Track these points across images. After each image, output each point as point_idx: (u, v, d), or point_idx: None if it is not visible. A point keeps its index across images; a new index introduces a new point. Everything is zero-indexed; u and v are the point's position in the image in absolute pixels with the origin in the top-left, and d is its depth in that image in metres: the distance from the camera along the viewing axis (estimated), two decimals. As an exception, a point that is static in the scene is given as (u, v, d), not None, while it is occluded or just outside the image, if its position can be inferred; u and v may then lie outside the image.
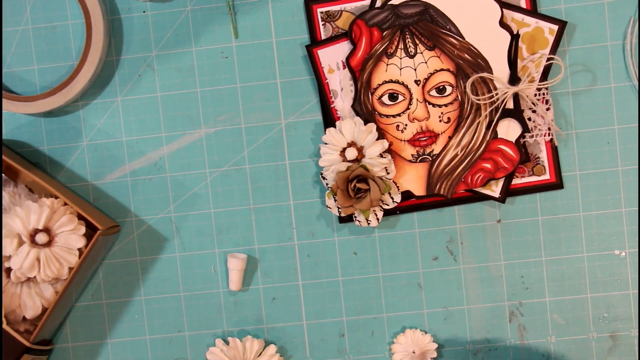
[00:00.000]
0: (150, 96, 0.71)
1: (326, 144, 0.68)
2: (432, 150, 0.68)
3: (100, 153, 0.71)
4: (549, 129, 0.68)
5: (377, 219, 0.68)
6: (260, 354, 0.70)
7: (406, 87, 0.68)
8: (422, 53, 0.68)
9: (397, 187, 0.68)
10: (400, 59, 0.68)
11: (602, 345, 0.70)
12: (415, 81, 0.68)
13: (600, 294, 0.70)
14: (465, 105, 0.68)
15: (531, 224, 0.70)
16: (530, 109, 0.68)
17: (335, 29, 0.69)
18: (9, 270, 0.67)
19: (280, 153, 0.71)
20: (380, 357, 0.71)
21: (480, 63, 0.68)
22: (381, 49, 0.68)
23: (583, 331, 0.70)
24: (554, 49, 0.68)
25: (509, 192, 0.69)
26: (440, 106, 0.68)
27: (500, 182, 0.69)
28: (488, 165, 0.68)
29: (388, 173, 0.67)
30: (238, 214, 0.71)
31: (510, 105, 0.68)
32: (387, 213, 0.69)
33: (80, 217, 0.67)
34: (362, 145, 0.67)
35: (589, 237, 0.70)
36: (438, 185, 0.69)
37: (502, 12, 0.67)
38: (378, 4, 0.68)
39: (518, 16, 0.68)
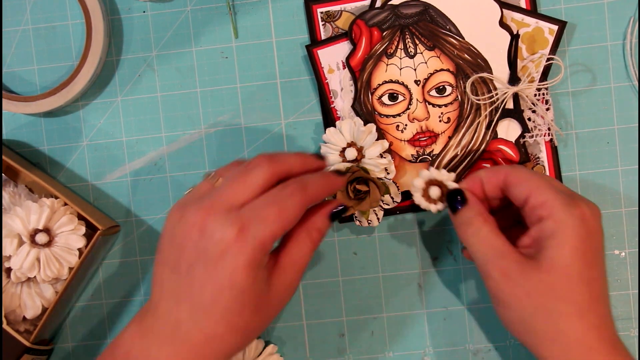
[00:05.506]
0: (150, 96, 0.71)
1: (326, 142, 0.68)
2: (432, 150, 0.68)
3: (100, 153, 0.71)
4: (549, 129, 0.68)
5: (378, 218, 0.68)
6: (260, 353, 0.70)
7: (406, 87, 0.68)
8: (422, 53, 0.68)
9: (398, 187, 0.68)
10: (400, 59, 0.68)
11: (602, 345, 0.70)
12: (415, 81, 0.68)
13: (600, 294, 0.70)
14: (465, 105, 0.68)
15: (531, 224, 0.70)
16: (530, 109, 0.68)
17: (335, 29, 0.69)
18: (9, 270, 0.67)
19: (280, 153, 0.70)
20: (380, 357, 0.71)
21: (480, 63, 0.68)
22: (381, 49, 0.68)
23: (583, 331, 0.70)
24: (554, 49, 0.68)
25: (509, 192, 0.69)
26: (440, 106, 0.68)
27: (500, 182, 0.69)
28: (488, 165, 0.68)
29: (388, 173, 0.67)
30: (238, 214, 0.71)
31: (510, 105, 0.68)
32: (387, 213, 0.69)
33: (80, 217, 0.67)
34: (361, 145, 0.67)
35: (589, 237, 0.70)
36: (438, 185, 0.69)
37: (502, 12, 0.67)
38: (378, 4, 0.68)
39: (518, 16, 0.68)
